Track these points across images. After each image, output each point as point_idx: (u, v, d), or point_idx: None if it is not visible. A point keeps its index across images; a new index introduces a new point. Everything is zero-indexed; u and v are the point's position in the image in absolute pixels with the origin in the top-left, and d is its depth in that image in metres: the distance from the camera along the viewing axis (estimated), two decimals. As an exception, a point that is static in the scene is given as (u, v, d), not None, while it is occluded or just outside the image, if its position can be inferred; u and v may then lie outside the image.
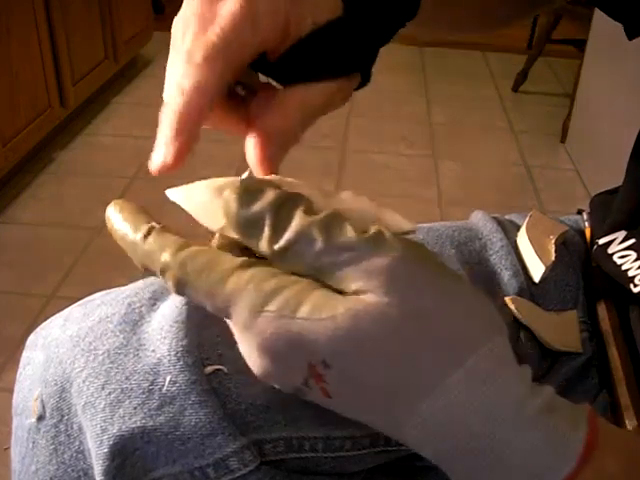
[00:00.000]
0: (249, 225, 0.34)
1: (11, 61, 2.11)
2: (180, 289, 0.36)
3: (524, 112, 3.10)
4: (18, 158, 2.21)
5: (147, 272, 0.37)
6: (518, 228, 0.64)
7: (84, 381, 0.53)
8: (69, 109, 2.52)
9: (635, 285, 0.54)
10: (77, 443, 0.54)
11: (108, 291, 0.60)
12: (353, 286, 0.32)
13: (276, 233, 0.33)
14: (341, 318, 0.31)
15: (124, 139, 2.64)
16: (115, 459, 0.51)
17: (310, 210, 0.34)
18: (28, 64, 2.22)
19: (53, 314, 0.62)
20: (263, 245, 0.34)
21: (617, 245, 0.57)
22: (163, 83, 0.41)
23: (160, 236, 0.37)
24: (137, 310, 0.55)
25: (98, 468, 0.51)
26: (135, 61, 3.23)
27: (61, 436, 0.55)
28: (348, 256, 0.32)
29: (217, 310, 0.35)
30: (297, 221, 0.33)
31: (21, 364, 0.61)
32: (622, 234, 0.57)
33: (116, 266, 1.93)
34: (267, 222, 0.33)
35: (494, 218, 0.66)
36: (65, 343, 0.55)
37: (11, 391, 0.61)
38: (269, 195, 0.34)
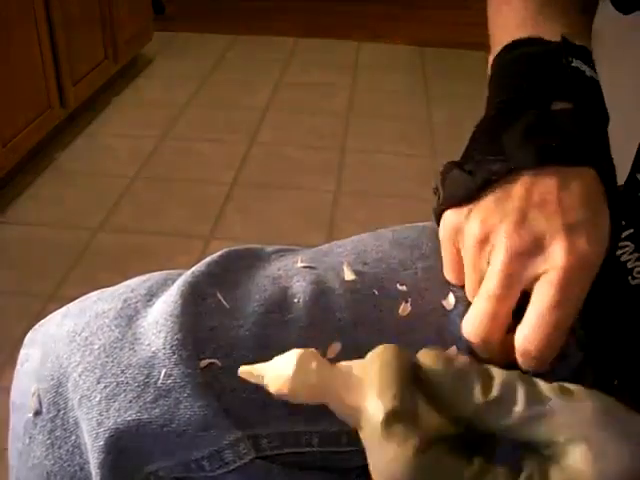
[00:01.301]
0: (458, 379, 0.34)
1: (11, 61, 2.12)
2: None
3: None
4: (18, 158, 2.21)
5: None
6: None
7: (80, 375, 0.53)
8: (69, 109, 2.52)
9: (634, 278, 0.54)
10: (73, 437, 0.54)
11: (105, 289, 0.61)
12: (562, 437, 0.32)
13: (486, 385, 0.33)
14: None
15: (124, 139, 2.64)
16: (111, 452, 0.51)
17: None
18: (28, 64, 2.22)
19: (51, 314, 0.62)
20: (477, 396, 0.33)
21: None
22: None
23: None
24: (133, 305, 0.56)
25: (94, 461, 0.52)
26: (135, 61, 3.23)
27: (57, 431, 0.55)
28: (552, 407, 0.32)
29: None
30: (500, 375, 0.34)
31: (19, 361, 0.61)
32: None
33: (116, 266, 1.93)
34: (475, 375, 0.34)
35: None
36: (62, 338, 0.56)
37: (10, 391, 0.61)
38: (461, 358, 0.35)
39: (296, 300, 0.55)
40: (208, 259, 0.59)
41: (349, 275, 0.57)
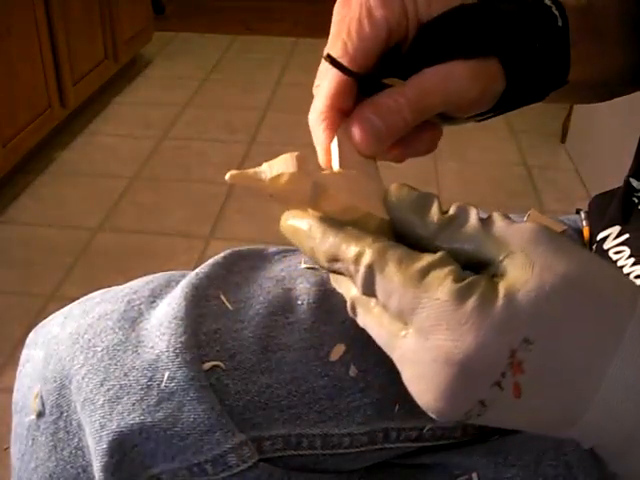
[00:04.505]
0: (419, 201, 0.36)
1: (11, 61, 2.11)
2: (371, 277, 0.34)
3: (524, 112, 3.05)
4: (18, 158, 2.21)
5: (330, 265, 0.36)
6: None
7: (83, 378, 0.53)
8: (69, 109, 2.52)
9: None
10: (76, 440, 0.54)
11: (107, 289, 0.61)
12: (503, 254, 0.33)
13: (442, 208, 0.36)
14: (533, 285, 0.32)
15: (124, 139, 2.64)
16: (114, 455, 0.51)
17: None
18: (28, 64, 2.22)
19: (53, 314, 0.62)
20: (433, 216, 0.35)
21: (612, 240, 0.56)
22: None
23: (353, 229, 0.36)
24: (136, 307, 0.55)
25: (97, 464, 0.52)
26: (135, 61, 3.22)
27: (60, 433, 0.55)
28: (498, 227, 0.34)
29: (402, 306, 0.33)
30: (456, 203, 0.36)
31: (21, 362, 0.61)
32: (617, 229, 0.57)
33: (116, 266, 1.93)
34: (435, 200, 0.36)
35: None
36: (64, 340, 0.56)
37: (11, 391, 0.61)
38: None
39: (300, 302, 0.55)
40: (211, 260, 0.59)
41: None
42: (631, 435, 0.32)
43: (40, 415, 0.56)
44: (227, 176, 0.35)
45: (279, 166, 0.36)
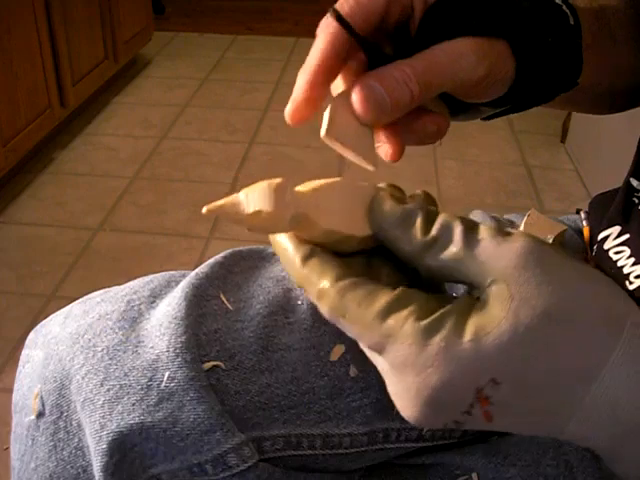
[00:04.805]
0: (403, 217, 0.35)
1: (11, 61, 2.11)
2: (334, 318, 0.35)
3: (524, 112, 3.04)
4: (18, 158, 2.21)
5: (301, 290, 0.37)
6: (517, 228, 0.64)
7: (83, 378, 0.53)
8: (69, 109, 2.52)
9: (630, 282, 0.54)
10: (76, 440, 0.54)
11: (108, 289, 0.61)
12: (488, 279, 0.33)
13: (427, 225, 0.35)
14: (506, 327, 0.31)
15: (124, 139, 2.63)
16: (114, 455, 0.51)
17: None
18: (28, 64, 2.22)
19: (53, 314, 0.62)
20: (415, 235, 0.35)
21: (612, 240, 0.56)
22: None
23: (320, 261, 0.36)
24: (136, 307, 0.55)
25: (97, 464, 0.52)
26: (135, 61, 3.23)
27: (60, 433, 0.55)
28: (483, 248, 0.33)
29: (371, 344, 0.34)
30: (442, 217, 0.35)
31: (20, 362, 0.61)
32: (617, 229, 0.57)
33: (116, 266, 1.93)
34: (419, 215, 0.35)
35: (493, 217, 0.66)
36: (64, 340, 0.56)
37: (11, 391, 0.61)
38: (417, 199, 0.37)
39: (300, 302, 0.55)
40: (211, 260, 0.59)
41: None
42: (614, 445, 0.33)
43: (40, 415, 0.56)
44: (204, 210, 0.35)
45: (256, 200, 0.35)
